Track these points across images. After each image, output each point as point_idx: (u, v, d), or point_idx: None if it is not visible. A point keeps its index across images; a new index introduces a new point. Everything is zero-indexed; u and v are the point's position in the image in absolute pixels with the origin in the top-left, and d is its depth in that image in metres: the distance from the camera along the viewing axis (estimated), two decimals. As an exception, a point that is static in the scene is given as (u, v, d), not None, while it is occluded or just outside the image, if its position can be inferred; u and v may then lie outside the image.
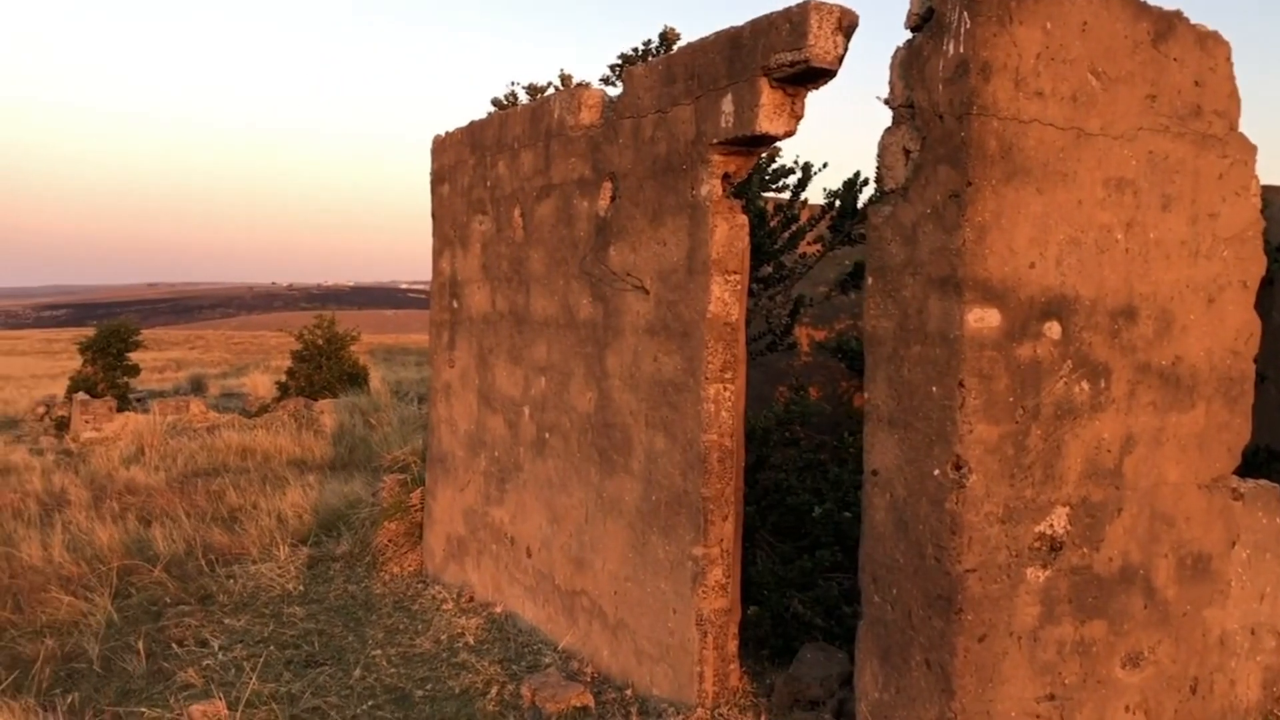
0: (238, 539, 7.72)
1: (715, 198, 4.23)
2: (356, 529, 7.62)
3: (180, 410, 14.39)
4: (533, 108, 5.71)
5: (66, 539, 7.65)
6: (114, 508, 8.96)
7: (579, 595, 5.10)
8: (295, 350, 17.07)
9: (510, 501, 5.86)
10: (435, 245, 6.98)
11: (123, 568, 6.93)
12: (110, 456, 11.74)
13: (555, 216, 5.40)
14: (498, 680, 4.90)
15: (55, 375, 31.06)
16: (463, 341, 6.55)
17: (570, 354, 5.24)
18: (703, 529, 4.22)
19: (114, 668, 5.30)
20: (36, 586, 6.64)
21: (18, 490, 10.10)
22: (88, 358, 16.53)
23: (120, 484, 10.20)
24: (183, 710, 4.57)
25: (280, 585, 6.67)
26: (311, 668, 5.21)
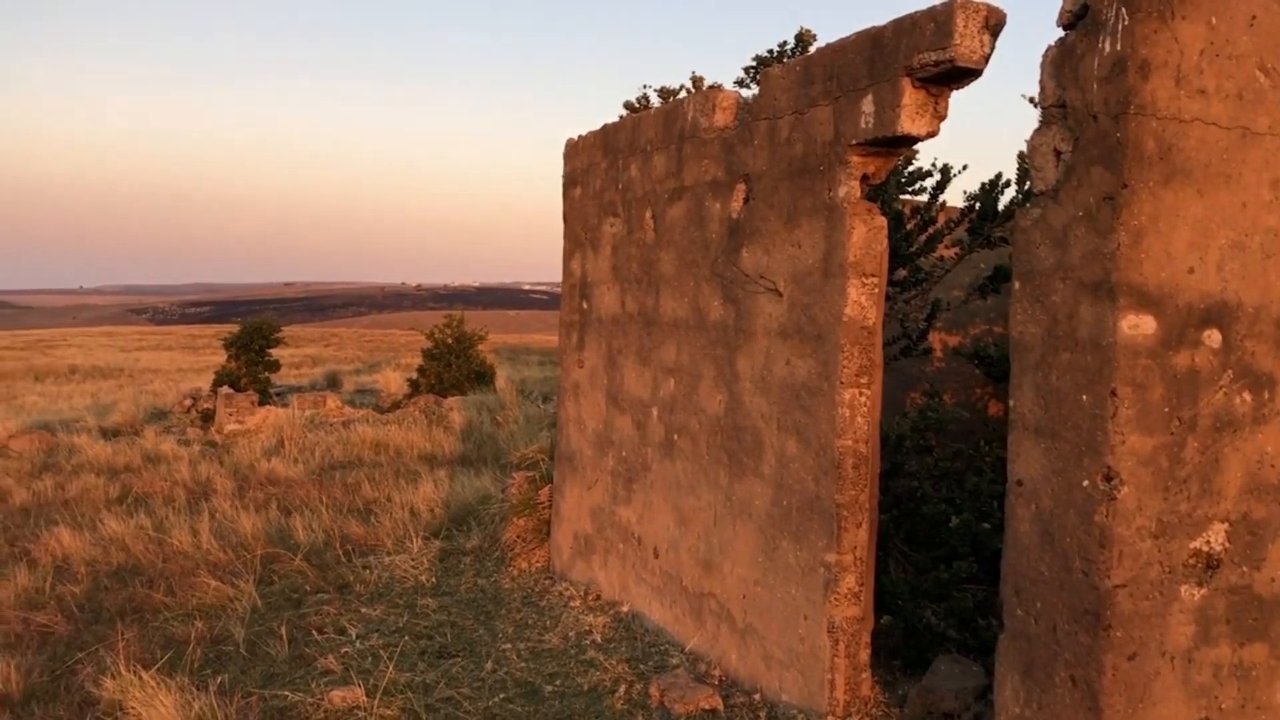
0: (373, 530, 7.97)
1: (853, 199, 4.18)
2: (486, 524, 7.78)
3: (318, 405, 14.91)
4: (666, 110, 5.74)
5: (213, 526, 8.02)
6: (257, 498, 9.37)
7: (707, 597, 5.10)
8: (426, 348, 17.51)
9: (637, 501, 5.90)
10: (566, 247, 7.08)
11: (266, 555, 7.23)
12: (252, 448, 12.25)
13: (687, 218, 5.41)
14: (625, 679, 4.93)
15: (200, 370, 32.60)
16: (592, 342, 6.63)
17: (700, 356, 5.25)
18: (836, 535, 4.17)
19: (259, 652, 5.53)
20: (186, 571, 6.98)
21: (167, 479, 10.64)
22: (232, 353, 17.27)
23: (262, 475, 10.64)
24: (324, 696, 4.74)
25: (413, 577, 6.86)
26: (444, 659, 5.34)
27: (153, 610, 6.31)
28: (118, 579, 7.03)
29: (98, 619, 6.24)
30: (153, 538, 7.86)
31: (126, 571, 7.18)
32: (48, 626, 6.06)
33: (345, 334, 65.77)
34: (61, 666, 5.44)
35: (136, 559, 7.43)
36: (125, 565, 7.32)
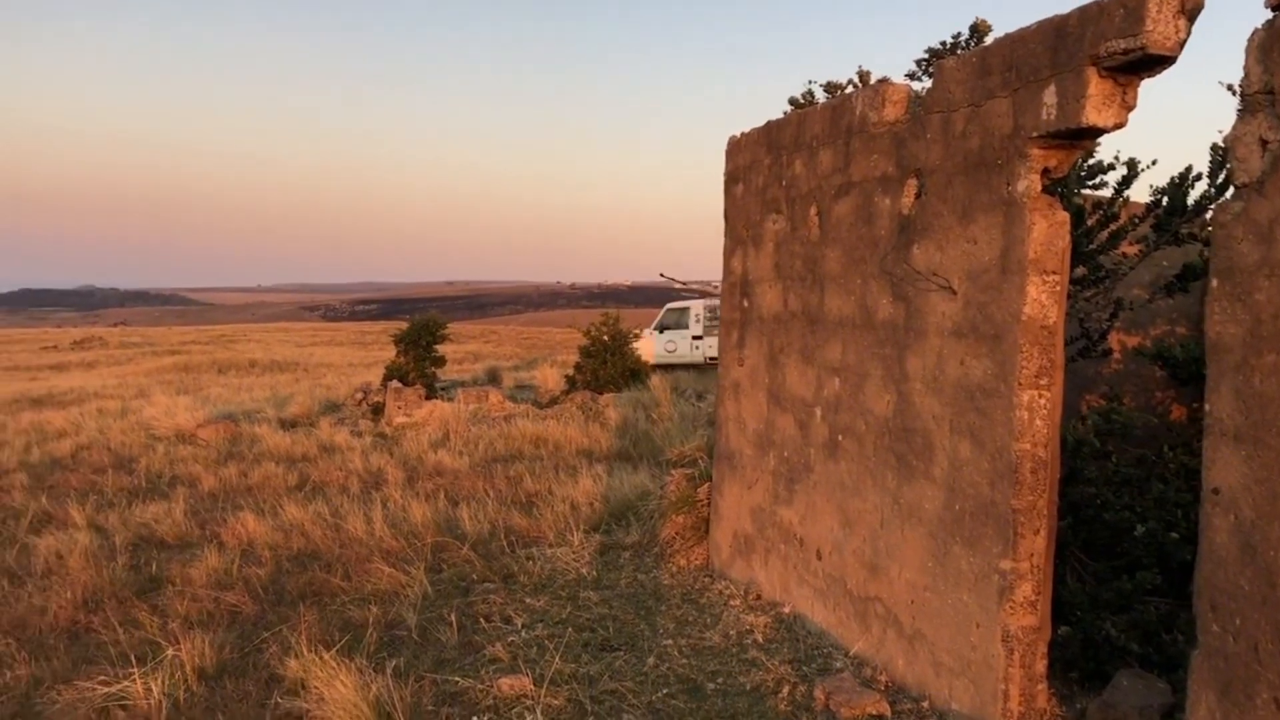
0: (535, 523, 8.14)
1: (1033, 194, 4.03)
2: (644, 520, 7.85)
3: (480, 400, 15.33)
4: (833, 105, 5.66)
5: (385, 515, 8.34)
6: (425, 488, 9.70)
7: (872, 601, 5.01)
8: (582, 345, 17.79)
9: (799, 502, 5.84)
10: (727, 245, 7.07)
11: (435, 544, 7.48)
12: (420, 440, 12.70)
13: (854, 215, 5.32)
14: (788, 680, 4.89)
15: (369, 364, 34.00)
16: (753, 340, 6.60)
17: (867, 355, 5.16)
18: (1011, 542, 4.04)
19: (430, 637, 5.72)
20: (361, 557, 7.27)
21: (342, 468, 11.13)
22: (400, 349, 17.93)
23: (429, 466, 11.02)
24: (493, 683, 4.87)
25: (575, 570, 6.97)
26: (607, 652, 5.41)
27: (330, 594, 6.61)
28: (298, 563, 7.39)
29: (280, 600, 6.58)
30: (329, 524, 8.24)
31: (306, 556, 7.55)
32: (236, 606, 6.42)
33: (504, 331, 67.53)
34: (249, 644, 5.76)
35: (315, 544, 7.79)
36: (305, 550, 7.69)
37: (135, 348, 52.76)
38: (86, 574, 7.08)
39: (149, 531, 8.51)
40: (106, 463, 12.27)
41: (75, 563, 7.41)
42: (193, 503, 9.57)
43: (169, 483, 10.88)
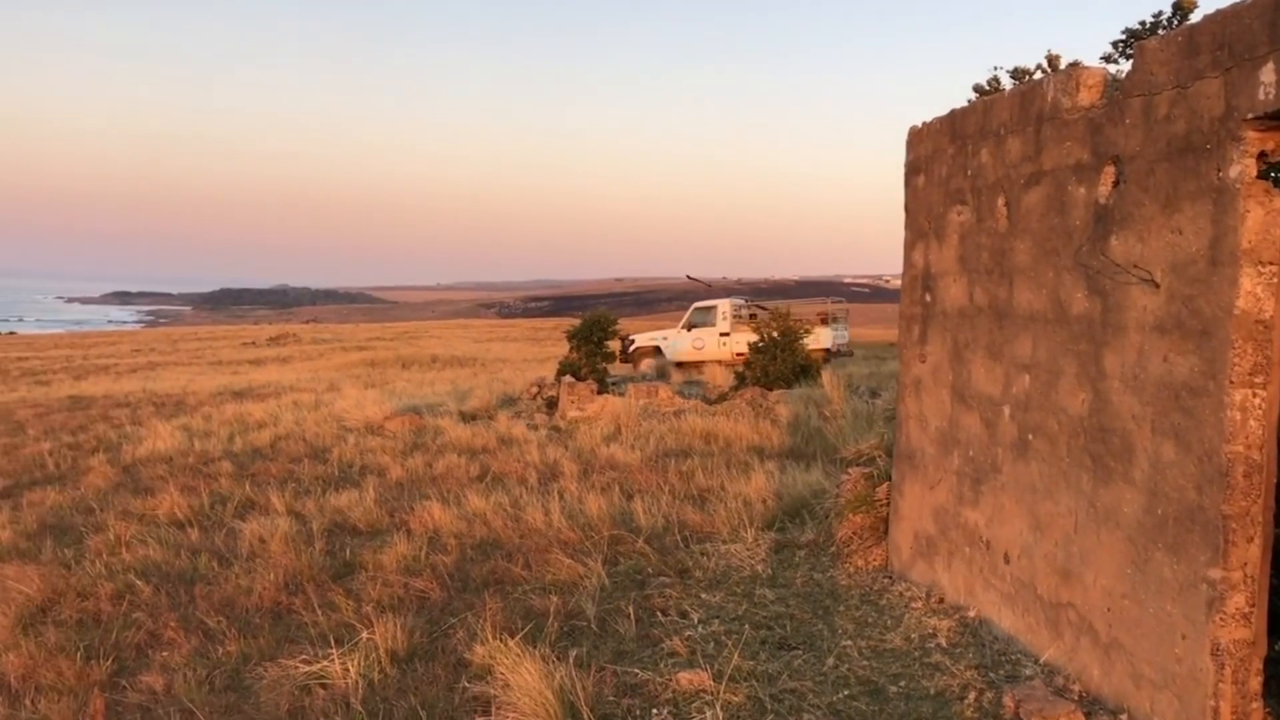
0: (708, 518, 8.16)
1: (1247, 179, 3.77)
2: (820, 519, 7.75)
3: (650, 395, 15.48)
4: (1021, 91, 5.45)
5: (562, 507, 8.52)
6: (599, 481, 9.86)
7: (1065, 608, 4.80)
8: (752, 342, 17.73)
9: (985, 504, 5.65)
10: (908, 238, 6.90)
11: (611, 537, 7.59)
12: (593, 434, 12.92)
13: (1045, 205, 5.11)
14: (975, 686, 4.75)
15: (542, 360, 34.88)
16: (935, 336, 6.42)
17: (1059, 351, 4.94)
18: (1222, 550, 3.79)
19: (608, 628, 5.81)
20: (541, 548, 7.45)
21: (519, 460, 11.42)
22: (573, 345, 18.30)
23: (603, 460, 11.19)
24: (671, 676, 4.91)
25: (749, 566, 6.96)
26: (785, 650, 5.37)
27: (512, 582, 6.80)
28: (481, 551, 7.63)
29: (465, 588, 6.81)
30: (509, 514, 8.48)
31: (488, 545, 7.79)
32: (424, 591, 6.69)
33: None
34: (437, 629, 5.99)
35: (496, 534, 8.03)
36: (487, 539, 7.94)
37: (326, 344, 55.66)
38: (287, 558, 7.50)
39: (342, 518, 8.96)
40: (302, 453, 12.98)
41: (276, 546, 7.87)
42: (382, 491, 10.01)
43: (359, 472, 11.42)
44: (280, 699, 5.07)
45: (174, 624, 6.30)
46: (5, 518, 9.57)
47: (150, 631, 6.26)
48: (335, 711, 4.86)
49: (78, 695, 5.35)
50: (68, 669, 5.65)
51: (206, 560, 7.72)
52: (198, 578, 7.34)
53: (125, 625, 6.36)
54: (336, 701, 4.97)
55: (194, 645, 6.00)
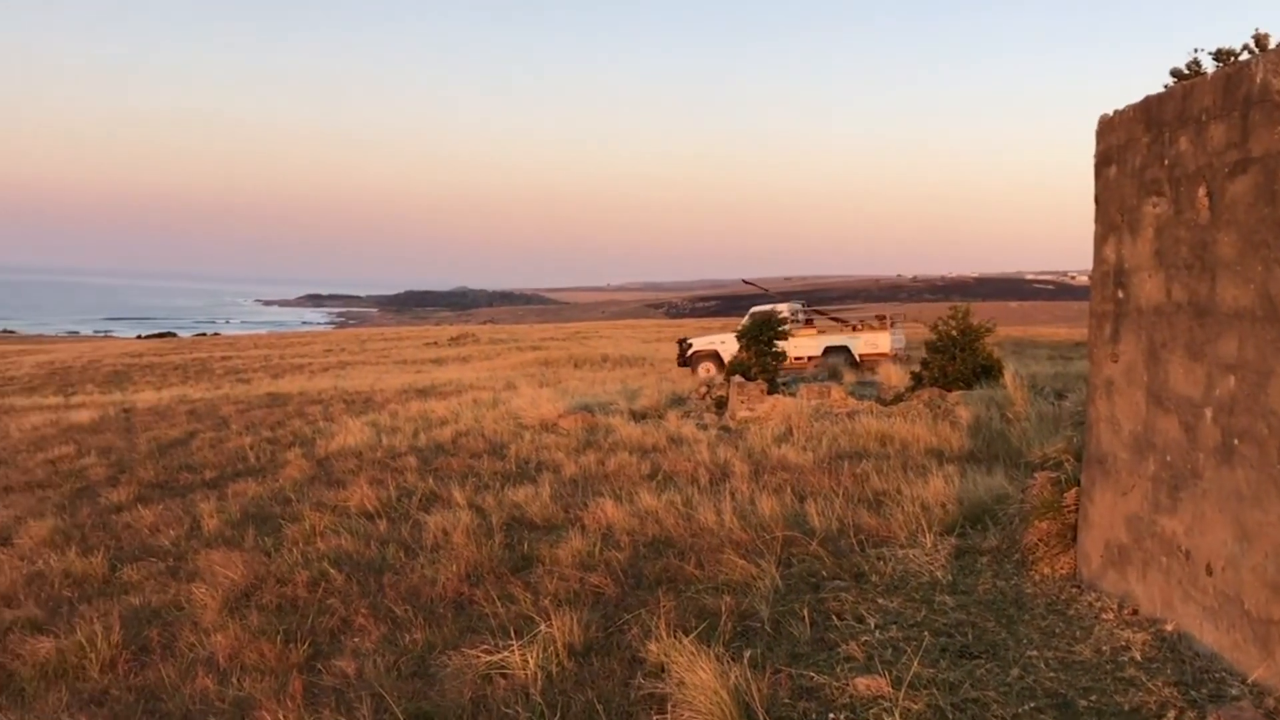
0: (884, 522, 7.99)
1: None
2: (1003, 524, 7.48)
3: (822, 395, 15.29)
4: (1226, 74, 5.10)
5: (734, 507, 8.51)
6: (771, 482, 9.80)
7: (1276, 625, 4.48)
8: (929, 341, 17.26)
9: (1185, 512, 5.32)
10: (1098, 231, 6.57)
11: (784, 538, 7.53)
12: (763, 435, 12.85)
13: (1253, 194, 4.77)
14: (1174, 704, 4.48)
15: (711, 359, 34.82)
16: (1128, 334, 6.09)
17: (1269, 351, 4.61)
18: None
19: (782, 630, 5.76)
20: (713, 547, 7.46)
21: (690, 460, 11.48)
22: (743, 344, 18.25)
23: (774, 460, 11.12)
24: (848, 681, 4.83)
25: (928, 572, 6.77)
26: (966, 659, 5.20)
27: (685, 581, 6.83)
28: (653, 549, 7.70)
29: (639, 585, 6.89)
30: (681, 513, 8.53)
31: (660, 542, 7.86)
32: (599, 587, 6.79)
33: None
34: (612, 625, 6.07)
35: (668, 532, 8.09)
36: (659, 537, 8.00)
37: (502, 344, 57.40)
38: (468, 550, 7.77)
39: (520, 513, 9.21)
40: (482, 449, 13.42)
41: (458, 539, 8.16)
42: (557, 487, 10.23)
43: (535, 468, 11.71)
44: (464, 687, 5.25)
45: (364, 611, 6.61)
46: (213, 507, 10.25)
47: (343, 618, 6.59)
48: (515, 701, 5.00)
49: (278, 676, 5.68)
50: (269, 651, 6.01)
51: (394, 551, 8.08)
52: (386, 567, 7.68)
53: (320, 611, 6.71)
54: (516, 692, 5.11)
55: (383, 632, 6.28)
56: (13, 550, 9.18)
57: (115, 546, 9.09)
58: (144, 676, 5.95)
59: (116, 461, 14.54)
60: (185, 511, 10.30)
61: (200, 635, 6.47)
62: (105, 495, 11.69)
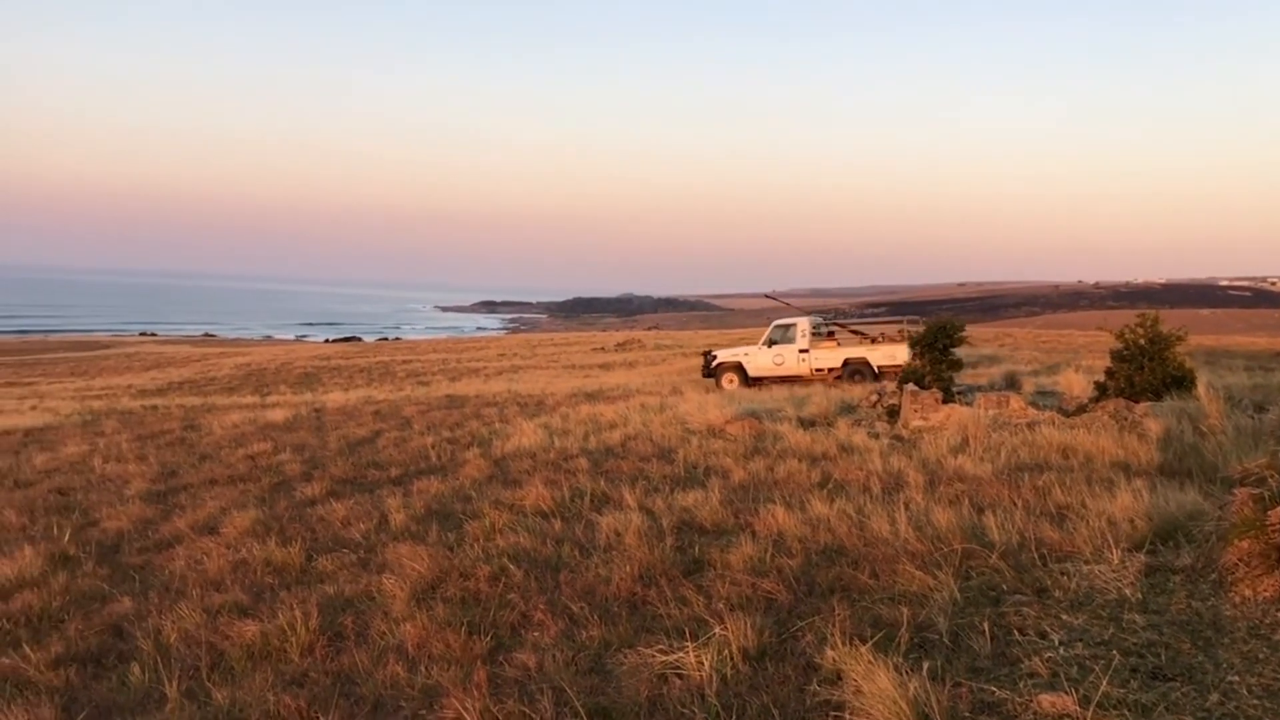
0: (1067, 536, 7.69)
1: None
2: (1197, 542, 7.09)
3: (1000, 405, 14.81)
4: None
5: (909, 517, 8.36)
6: (947, 493, 9.57)
7: None
8: (1115, 349, 16.51)
9: None
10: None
11: (961, 550, 7.36)
12: (938, 444, 12.55)
13: None
14: (1395, 741, 4.18)
15: (881, 367, 34.19)
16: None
17: None
18: None
19: (961, 644, 5.64)
20: (887, 557, 7.35)
21: (861, 468, 11.32)
22: (915, 351, 17.87)
23: (949, 471, 10.85)
24: (1032, 698, 4.69)
25: (1115, 589, 6.49)
26: (1159, 681, 4.97)
27: (859, 590, 6.76)
28: (825, 557, 7.65)
29: (811, 592, 6.86)
30: (854, 522, 8.43)
31: (832, 551, 7.79)
32: (770, 593, 6.80)
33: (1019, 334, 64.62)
34: (785, 631, 6.07)
35: (840, 540, 8.01)
36: (831, 545, 7.94)
37: (668, 349, 57.89)
38: (640, 551, 7.90)
39: (689, 517, 9.29)
40: (650, 452, 13.59)
41: (630, 540, 8.31)
42: (725, 492, 10.27)
43: (704, 473, 11.78)
44: (640, 685, 5.35)
45: (543, 607, 6.82)
46: (399, 502, 10.74)
47: (522, 613, 6.81)
48: (691, 702, 5.07)
49: (463, 666, 5.93)
50: (454, 641, 6.27)
51: (569, 549, 8.29)
52: (562, 565, 7.89)
53: (501, 605, 6.96)
54: (692, 692, 5.18)
55: (560, 628, 6.46)
56: (219, 539, 9.84)
57: (310, 538, 9.64)
58: (339, 661, 6.30)
59: (309, 458, 15.39)
60: (374, 506, 10.81)
61: (390, 624, 6.80)
62: (300, 490, 12.41)
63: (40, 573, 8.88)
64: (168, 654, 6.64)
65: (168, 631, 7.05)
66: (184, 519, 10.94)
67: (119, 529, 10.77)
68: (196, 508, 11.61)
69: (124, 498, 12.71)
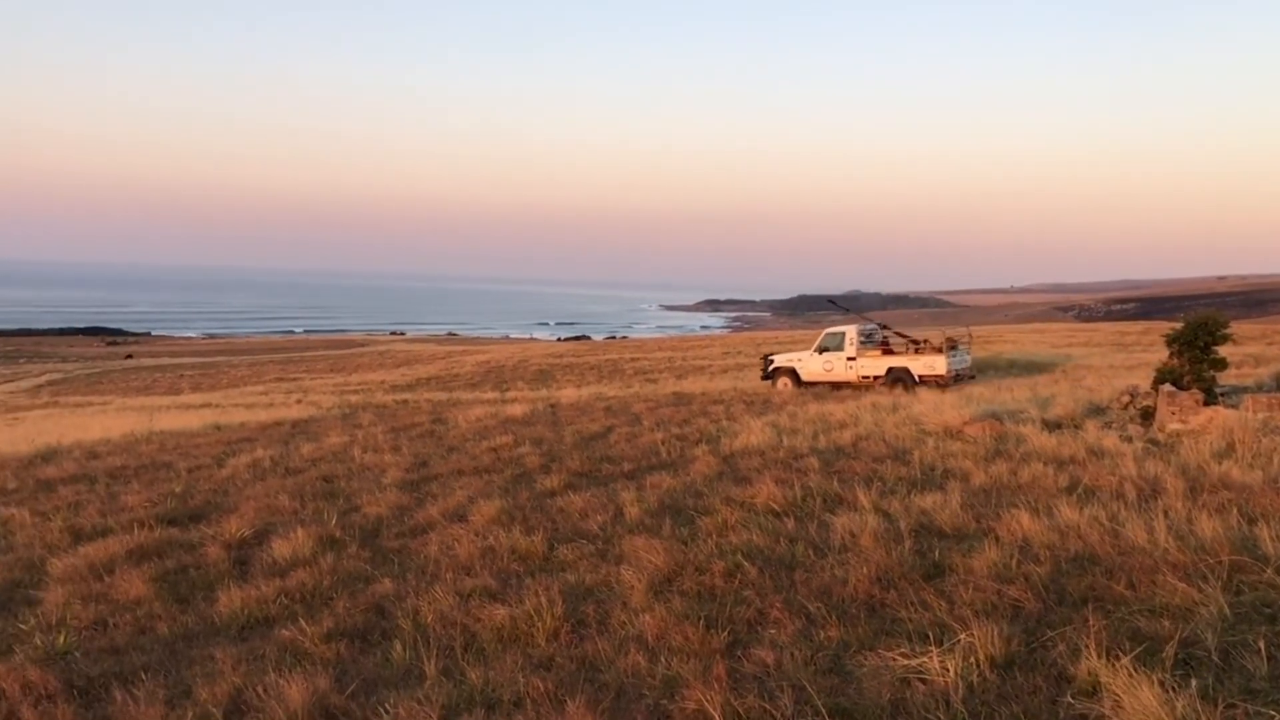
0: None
1: None
2: None
3: (1271, 408, 13.64)
4: None
5: (1168, 525, 7.82)
6: (1211, 501, 8.89)
7: None
8: None
9: None
10: None
11: (1230, 563, 6.83)
12: (1199, 449, 11.68)
13: None
14: None
15: (1130, 367, 32.29)
16: None
17: None
18: None
19: (1232, 662, 5.24)
20: (1145, 568, 6.91)
21: (1112, 473, 10.69)
22: (1173, 350, 16.68)
23: (1213, 478, 10.07)
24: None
25: None
26: None
27: (1114, 601, 6.39)
28: (1075, 565, 7.27)
29: (1061, 601, 6.54)
30: (1106, 529, 7.97)
31: (1083, 559, 7.39)
32: (1017, 601, 6.53)
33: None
34: (1033, 640, 5.82)
35: (1092, 548, 7.59)
36: (1082, 553, 7.54)
37: (897, 348, 56.41)
38: (877, 553, 7.76)
39: (927, 520, 9.04)
40: (883, 453, 13.32)
41: (866, 541, 8.18)
42: (965, 496, 9.93)
43: (941, 475, 11.44)
44: (881, 688, 5.28)
45: (779, 605, 6.82)
46: (633, 496, 11.00)
47: (758, 609, 6.84)
48: (936, 708, 4.95)
49: (701, 659, 6.01)
50: (692, 634, 6.37)
51: (803, 549, 8.25)
52: (796, 564, 7.86)
53: (736, 601, 7.01)
54: (936, 698, 5.05)
55: (797, 627, 6.44)
56: (468, 526, 10.37)
57: (551, 528, 10.01)
58: (583, 648, 6.52)
59: (547, 451, 15.99)
60: (609, 500, 11.12)
61: (629, 614, 6.98)
62: (539, 481, 12.91)
63: (311, 553, 9.63)
64: (425, 633, 7.06)
65: (424, 612, 7.50)
66: (435, 507, 11.60)
67: (378, 515, 11.53)
68: (446, 496, 12.29)
69: (381, 485, 13.61)
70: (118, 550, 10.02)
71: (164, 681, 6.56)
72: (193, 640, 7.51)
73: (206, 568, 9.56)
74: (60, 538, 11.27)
